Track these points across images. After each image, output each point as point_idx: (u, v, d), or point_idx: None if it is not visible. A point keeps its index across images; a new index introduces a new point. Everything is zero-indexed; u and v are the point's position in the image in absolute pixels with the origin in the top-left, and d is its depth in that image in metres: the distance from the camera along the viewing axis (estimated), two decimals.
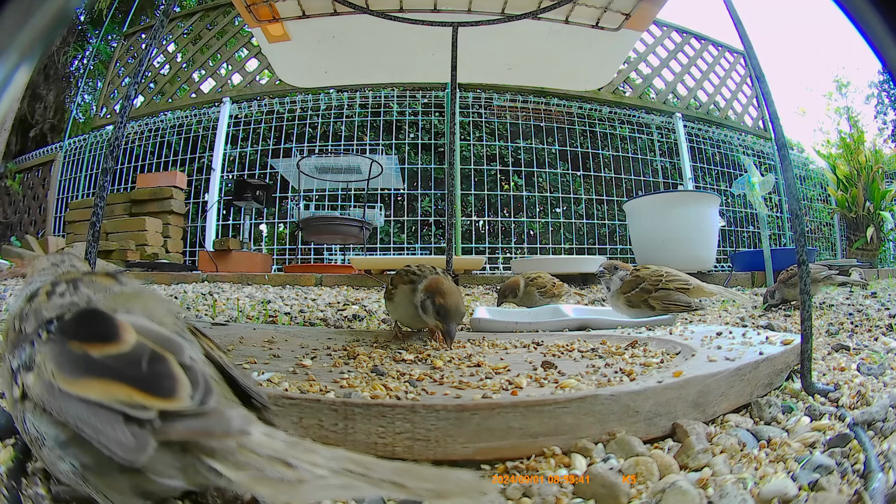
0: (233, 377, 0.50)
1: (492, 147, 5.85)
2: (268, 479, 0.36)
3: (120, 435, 0.38)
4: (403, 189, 5.64)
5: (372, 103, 5.87)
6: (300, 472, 0.36)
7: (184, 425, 0.39)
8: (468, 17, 1.93)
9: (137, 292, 0.54)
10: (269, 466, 0.37)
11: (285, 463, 0.37)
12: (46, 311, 0.49)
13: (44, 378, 0.43)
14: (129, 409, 0.39)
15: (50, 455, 0.44)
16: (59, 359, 0.43)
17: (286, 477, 0.36)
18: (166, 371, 0.43)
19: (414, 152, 5.78)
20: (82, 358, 0.43)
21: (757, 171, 3.47)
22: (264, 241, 6.40)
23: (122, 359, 0.43)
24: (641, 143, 6.21)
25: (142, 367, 0.42)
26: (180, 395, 0.41)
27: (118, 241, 4.89)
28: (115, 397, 0.40)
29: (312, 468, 0.36)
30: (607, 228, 5.93)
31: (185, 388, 0.42)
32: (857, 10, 0.41)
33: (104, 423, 0.39)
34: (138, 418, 0.39)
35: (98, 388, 0.40)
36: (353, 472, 0.36)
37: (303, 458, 0.37)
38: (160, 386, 0.41)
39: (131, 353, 0.43)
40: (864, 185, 6.33)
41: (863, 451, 0.61)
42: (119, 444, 0.37)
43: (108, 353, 0.43)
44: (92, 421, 0.39)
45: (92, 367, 0.42)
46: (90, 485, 0.43)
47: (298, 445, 0.39)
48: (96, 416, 0.39)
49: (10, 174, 7.15)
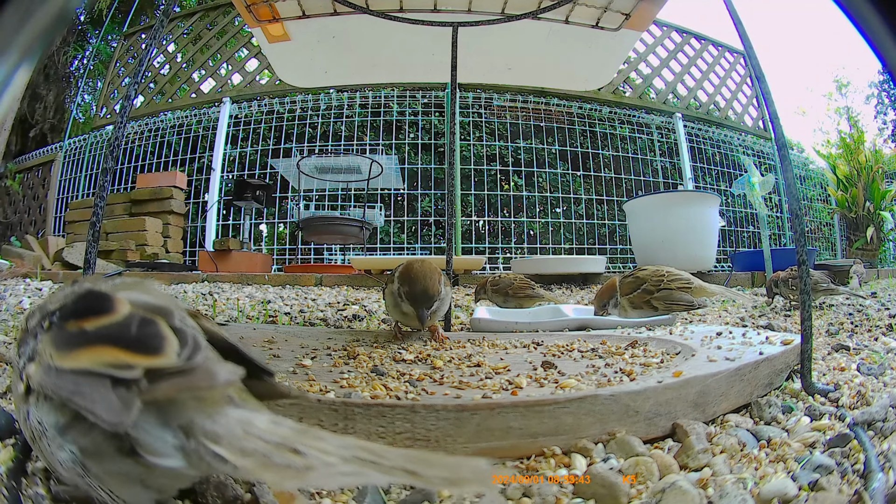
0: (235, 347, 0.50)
1: (492, 147, 5.85)
2: (275, 465, 0.35)
3: (107, 398, 0.37)
4: (403, 189, 5.64)
5: (372, 103, 5.87)
6: (309, 459, 0.35)
7: (169, 383, 0.39)
8: (468, 17, 1.93)
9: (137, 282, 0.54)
10: (277, 453, 0.36)
11: (293, 450, 0.36)
12: (50, 304, 0.50)
13: (43, 362, 0.43)
14: (116, 371, 0.39)
15: (51, 445, 0.43)
16: (57, 340, 0.44)
17: (294, 464, 0.35)
18: (154, 331, 0.43)
19: (414, 152, 5.78)
20: (77, 333, 0.43)
21: (757, 171, 3.47)
22: (264, 241, 6.40)
23: (113, 326, 0.43)
24: (641, 143, 6.21)
25: (131, 329, 0.42)
26: (167, 353, 0.41)
27: (118, 241, 4.89)
28: (102, 361, 0.40)
29: (322, 455, 0.35)
30: (607, 228, 5.93)
31: (173, 345, 0.42)
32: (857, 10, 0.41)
33: (92, 389, 0.38)
34: (124, 379, 0.38)
35: (87, 356, 0.40)
36: (364, 459, 0.35)
37: (312, 444, 0.36)
38: (147, 345, 0.41)
39: (123, 320, 0.43)
40: (864, 185, 6.33)
41: (863, 451, 0.61)
42: (106, 407, 0.37)
43: (101, 324, 0.43)
44: (81, 389, 0.39)
45: (84, 338, 0.42)
46: (90, 473, 0.42)
47: (307, 433, 0.38)
48: (85, 383, 0.39)
49: (10, 174, 7.15)
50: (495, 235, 5.67)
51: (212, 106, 5.94)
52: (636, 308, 1.69)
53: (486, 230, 5.67)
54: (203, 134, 5.86)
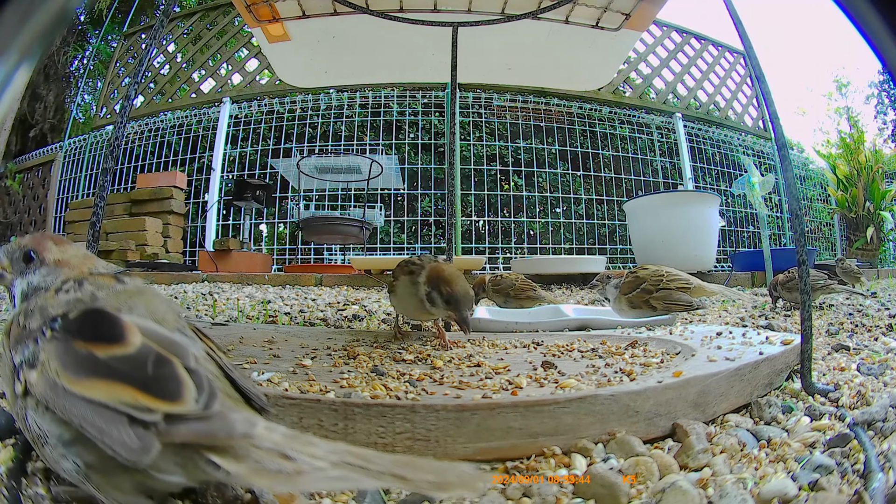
0: (232, 379, 0.50)
1: (492, 147, 5.85)
2: (266, 470, 0.37)
3: (125, 436, 0.38)
4: (403, 189, 5.64)
5: (372, 103, 5.87)
6: (299, 464, 0.36)
7: (188, 428, 0.40)
8: (468, 17, 1.93)
9: (140, 290, 0.54)
10: (268, 458, 0.37)
11: (284, 455, 0.37)
12: (52, 308, 0.49)
13: (48, 376, 0.43)
14: (134, 412, 0.39)
15: (53, 453, 0.44)
16: (64, 358, 0.43)
17: (284, 469, 0.36)
18: (171, 374, 0.43)
19: (414, 152, 5.78)
20: (87, 358, 0.43)
21: (757, 171, 3.47)
22: (264, 241, 6.40)
23: (127, 361, 0.43)
24: (641, 143, 6.21)
25: (147, 369, 0.42)
26: (185, 399, 0.41)
27: (118, 241, 4.89)
28: (120, 399, 0.40)
29: (311, 460, 0.37)
30: (607, 228, 5.93)
31: (191, 391, 0.42)
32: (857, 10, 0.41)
33: (109, 424, 0.39)
34: (143, 420, 0.39)
35: (103, 389, 0.41)
36: (353, 464, 0.36)
37: (302, 450, 0.37)
38: (165, 389, 0.41)
39: (137, 356, 0.43)
40: (864, 185, 6.33)
41: (863, 451, 0.61)
42: (123, 445, 0.38)
43: (114, 355, 0.43)
44: (96, 421, 0.39)
45: (97, 367, 0.42)
46: (93, 483, 0.43)
47: (298, 438, 0.39)
48: (101, 416, 0.39)
49: (10, 174, 7.15)
50: (495, 235, 5.67)
51: (212, 106, 5.94)
52: (635, 307, 1.69)
53: (486, 230, 5.67)
54: (203, 134, 5.86)
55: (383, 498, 0.54)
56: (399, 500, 0.55)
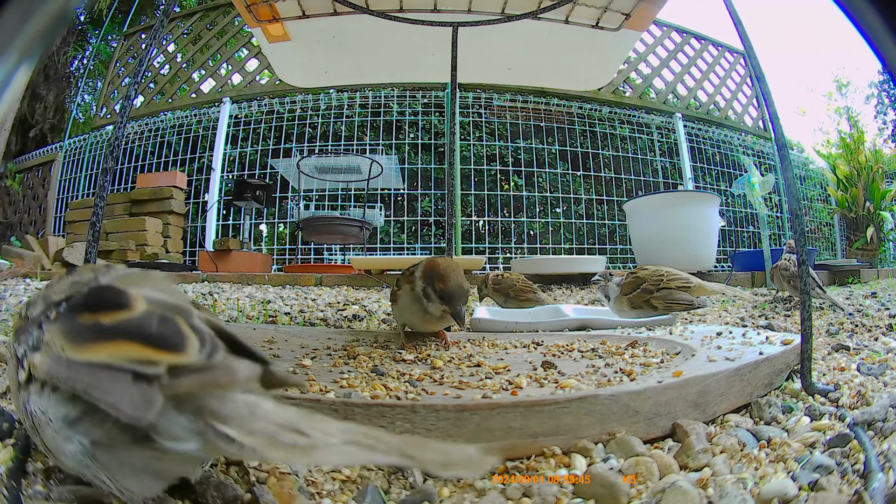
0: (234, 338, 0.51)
1: (492, 147, 5.85)
2: (281, 443, 0.37)
3: (128, 392, 0.38)
4: (403, 189, 5.64)
5: (372, 103, 5.87)
6: (312, 439, 0.37)
7: (191, 378, 0.40)
8: (468, 17, 1.93)
9: (144, 274, 0.55)
10: (283, 432, 0.38)
11: (298, 430, 0.38)
12: (55, 294, 0.50)
13: (52, 353, 0.44)
14: (139, 366, 0.40)
15: (57, 437, 0.44)
16: (69, 331, 0.44)
17: (299, 443, 0.37)
18: (176, 329, 0.44)
19: (414, 152, 5.78)
20: (93, 326, 0.44)
21: (757, 171, 3.47)
22: (264, 241, 6.39)
23: (132, 322, 0.44)
24: (641, 143, 6.21)
25: (152, 326, 0.43)
26: (189, 350, 0.42)
27: (118, 241, 4.89)
28: (124, 356, 0.41)
29: (324, 436, 0.37)
30: (607, 228, 5.93)
31: (194, 343, 0.43)
32: (857, 10, 0.41)
33: (112, 383, 0.39)
34: (146, 374, 0.39)
35: (108, 350, 0.41)
36: (362, 443, 0.37)
37: (315, 426, 0.38)
38: (170, 342, 0.42)
39: (142, 316, 0.44)
40: (864, 185, 6.32)
41: (863, 451, 0.61)
42: (128, 402, 0.38)
43: (119, 319, 0.44)
44: (101, 383, 0.40)
45: (102, 332, 0.43)
46: (99, 464, 0.43)
47: (311, 416, 0.40)
48: (106, 377, 0.40)
49: (10, 174, 7.15)
50: (495, 235, 5.67)
51: (212, 106, 5.94)
52: (636, 308, 1.69)
53: (486, 230, 5.67)
54: (203, 134, 5.86)
55: (383, 498, 0.54)
56: (399, 500, 0.55)
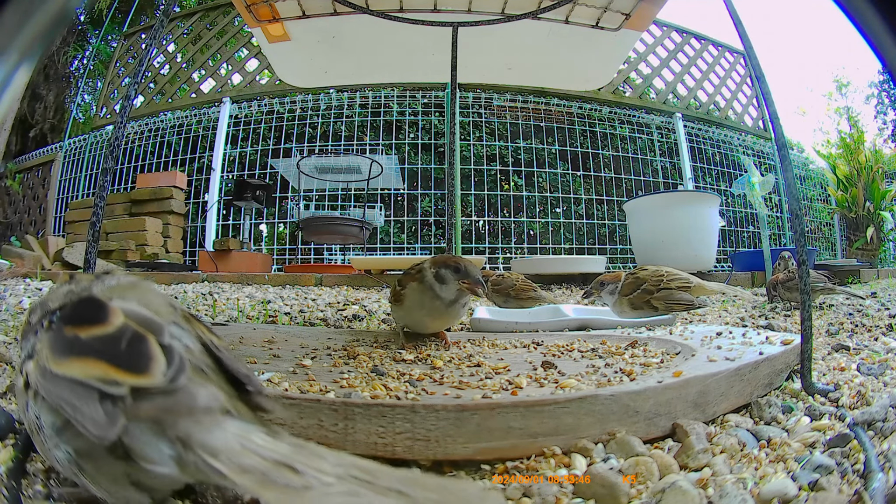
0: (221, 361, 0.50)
1: (492, 147, 5.85)
2: (273, 483, 0.36)
3: (93, 411, 0.38)
4: (403, 189, 5.64)
5: (372, 103, 5.87)
6: (306, 479, 0.35)
7: (152, 403, 0.40)
8: (468, 17, 1.93)
9: (134, 284, 0.55)
10: (275, 471, 0.36)
11: (291, 468, 0.36)
12: (51, 302, 0.50)
13: (40, 363, 0.44)
14: (103, 385, 0.40)
15: (48, 443, 0.44)
16: (53, 343, 0.45)
17: (292, 483, 0.35)
18: (144, 349, 0.43)
19: (414, 152, 5.78)
20: (72, 340, 0.44)
21: (757, 171, 3.47)
22: (264, 241, 6.39)
23: (105, 338, 0.44)
24: (641, 143, 6.21)
25: (121, 344, 0.43)
26: (153, 372, 0.41)
27: (118, 241, 4.89)
28: (92, 374, 0.40)
29: (319, 475, 0.36)
30: (607, 228, 5.93)
31: (160, 365, 0.42)
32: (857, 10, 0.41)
33: (81, 400, 0.39)
34: (111, 395, 0.39)
35: (79, 367, 0.41)
36: (359, 478, 0.36)
37: (309, 463, 0.37)
38: (135, 363, 0.42)
39: (114, 333, 0.44)
40: (864, 185, 6.32)
41: (863, 451, 0.61)
42: (91, 420, 0.38)
43: (94, 335, 0.44)
44: (71, 399, 0.40)
45: (78, 347, 0.43)
46: (85, 473, 0.43)
47: (304, 450, 0.39)
48: (75, 393, 0.40)
49: (10, 174, 7.15)
50: (495, 235, 5.67)
51: (212, 106, 5.94)
52: (636, 308, 1.69)
53: (486, 230, 5.67)
54: (203, 134, 5.86)
55: None
56: None
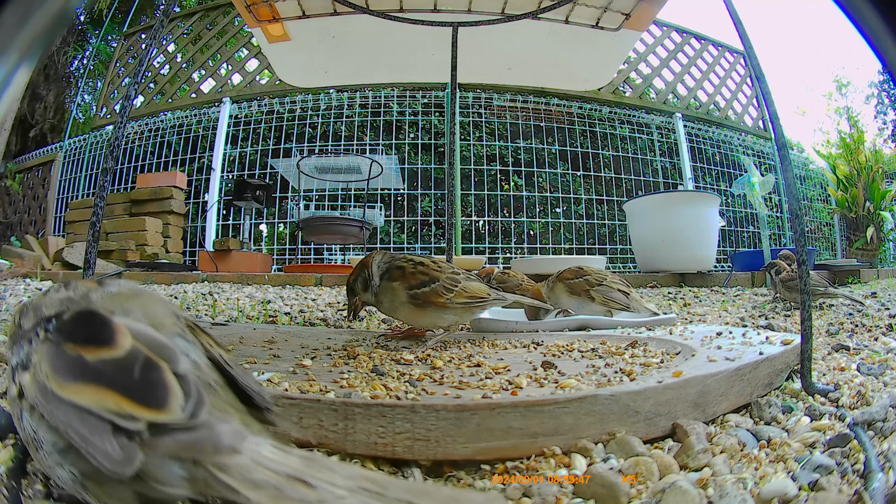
0: (233, 377, 0.49)
1: (492, 147, 5.85)
2: (288, 499, 0.35)
3: (107, 445, 0.36)
4: (403, 189, 5.64)
5: (372, 103, 5.87)
6: (320, 493, 0.35)
7: (172, 439, 0.38)
8: (468, 17, 1.93)
9: (136, 293, 0.53)
10: (289, 486, 0.36)
11: (304, 482, 0.36)
12: (45, 307, 0.48)
13: (39, 379, 0.42)
14: (118, 419, 0.37)
15: (48, 460, 0.42)
16: (54, 361, 0.42)
17: (306, 498, 0.35)
18: (159, 380, 0.41)
19: (414, 152, 5.78)
20: (76, 361, 0.42)
21: (757, 171, 3.47)
22: (264, 241, 6.40)
23: (114, 364, 0.41)
24: (641, 143, 6.21)
25: (134, 374, 0.41)
26: (171, 407, 0.39)
27: (118, 241, 4.89)
28: (104, 405, 0.38)
29: (331, 488, 0.35)
30: (607, 228, 5.93)
31: (177, 398, 0.40)
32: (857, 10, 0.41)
33: (93, 432, 0.37)
34: (127, 429, 0.37)
35: (89, 394, 0.39)
36: (370, 490, 0.35)
37: (321, 476, 0.36)
38: (151, 396, 0.39)
39: (125, 359, 0.42)
40: (864, 185, 6.32)
41: (863, 451, 0.61)
42: (106, 455, 0.36)
43: (102, 358, 0.42)
44: (81, 428, 0.38)
45: (85, 371, 0.41)
46: (90, 493, 0.41)
47: (314, 463, 0.38)
48: (85, 423, 0.38)
49: (10, 174, 7.15)
50: (495, 235, 5.67)
51: (212, 106, 5.94)
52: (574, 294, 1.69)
53: (486, 230, 5.67)
54: (203, 134, 5.86)
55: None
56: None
